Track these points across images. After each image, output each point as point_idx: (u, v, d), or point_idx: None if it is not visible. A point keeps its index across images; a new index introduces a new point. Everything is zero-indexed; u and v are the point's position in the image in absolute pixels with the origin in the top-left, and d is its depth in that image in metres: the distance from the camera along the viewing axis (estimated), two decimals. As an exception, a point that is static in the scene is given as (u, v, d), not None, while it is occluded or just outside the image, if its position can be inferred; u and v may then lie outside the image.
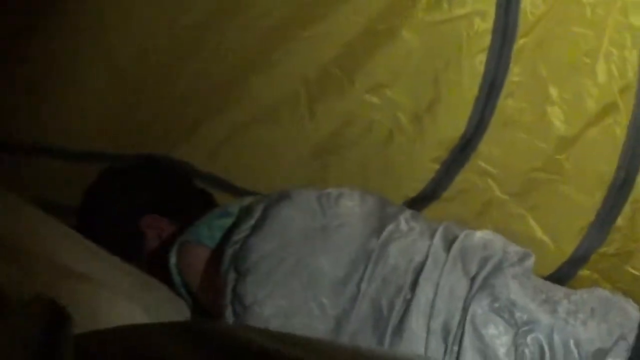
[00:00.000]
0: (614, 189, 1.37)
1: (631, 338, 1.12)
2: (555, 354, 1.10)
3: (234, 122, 1.44)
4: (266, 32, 1.33)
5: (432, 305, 1.12)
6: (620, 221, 1.39)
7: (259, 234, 1.20)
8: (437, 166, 1.42)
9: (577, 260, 1.40)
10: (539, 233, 1.40)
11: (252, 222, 1.23)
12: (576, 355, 1.10)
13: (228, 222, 1.30)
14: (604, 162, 1.37)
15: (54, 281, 1.06)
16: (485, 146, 1.40)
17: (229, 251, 1.21)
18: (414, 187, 1.44)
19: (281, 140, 1.44)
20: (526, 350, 1.09)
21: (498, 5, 1.29)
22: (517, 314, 1.12)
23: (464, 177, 1.42)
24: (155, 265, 1.36)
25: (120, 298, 1.13)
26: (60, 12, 1.29)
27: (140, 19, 1.31)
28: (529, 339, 1.10)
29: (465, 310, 1.12)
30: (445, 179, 1.43)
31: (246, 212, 1.27)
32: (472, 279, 1.16)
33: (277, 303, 1.14)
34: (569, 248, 1.40)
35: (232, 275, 1.19)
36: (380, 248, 1.18)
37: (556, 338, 1.10)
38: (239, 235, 1.22)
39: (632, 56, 1.30)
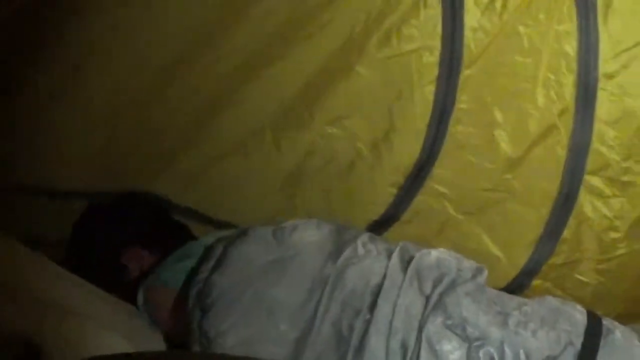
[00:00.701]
0: (559, 204, 1.45)
1: (578, 343, 1.19)
2: None
3: (206, 157, 1.46)
4: (232, 71, 1.38)
5: (390, 325, 1.18)
6: (566, 233, 1.47)
7: (219, 272, 1.25)
8: (395, 190, 1.47)
9: (529, 272, 1.47)
10: (493, 249, 1.47)
11: (212, 262, 1.29)
12: None
13: (189, 263, 1.35)
14: (549, 180, 1.45)
15: (42, 318, 1.09)
16: (439, 170, 1.45)
17: (193, 291, 1.26)
18: (376, 211, 1.49)
19: (251, 172, 1.47)
20: None
21: (443, 40, 1.37)
22: (469, 330, 1.18)
23: (421, 200, 1.48)
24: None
25: (104, 328, 1.16)
26: (36, 59, 1.34)
27: (115, 60, 1.35)
28: (481, 353, 1.16)
29: (421, 328, 1.18)
30: (404, 202, 1.48)
31: (207, 252, 1.33)
32: (427, 298, 1.22)
33: (239, 333, 1.19)
34: (521, 261, 1.47)
35: (197, 313, 1.24)
36: (337, 273, 1.24)
37: (507, 350, 1.16)
38: (201, 275, 1.27)
39: (568, 81, 1.39)
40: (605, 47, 1.38)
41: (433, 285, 1.23)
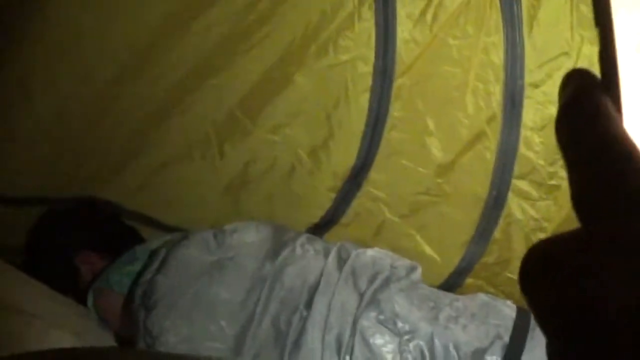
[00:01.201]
0: (489, 207, 1.50)
1: (507, 336, 1.26)
2: (436, 357, 1.23)
3: (154, 164, 1.50)
4: (178, 82, 1.41)
5: (326, 321, 1.25)
6: (496, 234, 1.52)
7: (163, 273, 1.31)
8: (334, 195, 1.53)
9: (462, 271, 1.52)
10: (427, 249, 1.52)
11: (156, 264, 1.35)
12: (456, 356, 1.24)
13: (136, 267, 1.40)
14: (479, 183, 1.50)
15: None
16: (375, 174, 1.51)
17: (138, 291, 1.32)
18: (315, 214, 1.54)
19: (196, 178, 1.51)
20: (409, 356, 1.23)
21: (377, 51, 1.41)
22: (400, 324, 1.25)
23: (358, 203, 1.53)
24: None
25: (53, 327, 1.20)
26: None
27: (61, 74, 1.36)
28: (411, 345, 1.24)
29: (355, 323, 1.24)
30: (342, 206, 1.53)
31: (152, 256, 1.39)
32: (362, 295, 1.28)
33: (180, 331, 1.25)
34: (454, 260, 1.52)
35: (142, 312, 1.29)
36: (275, 272, 1.30)
37: (437, 342, 1.24)
38: (146, 277, 1.33)
39: (496, 90, 1.44)
40: (530, 58, 1.42)
41: (368, 282, 1.30)
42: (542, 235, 1.50)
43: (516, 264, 1.34)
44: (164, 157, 1.51)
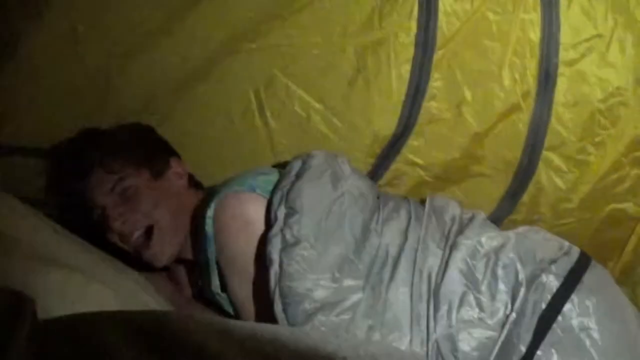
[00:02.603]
0: (520, 173, 1.55)
1: (575, 256, 1.33)
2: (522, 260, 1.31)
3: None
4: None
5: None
6: (525, 197, 1.57)
7: (304, 179, 1.33)
8: (372, 160, 1.55)
9: (492, 222, 1.52)
10: (461, 201, 1.53)
11: (293, 173, 1.36)
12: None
13: (268, 177, 1.40)
14: (511, 151, 1.54)
15: (29, 266, 1.12)
16: (413, 141, 1.54)
17: (278, 194, 1.32)
18: None
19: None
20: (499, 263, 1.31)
21: (419, 24, 1.44)
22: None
23: (395, 168, 1.56)
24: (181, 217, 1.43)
25: (93, 282, 1.18)
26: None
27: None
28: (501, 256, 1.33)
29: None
30: (380, 170, 1.56)
31: (285, 169, 1.40)
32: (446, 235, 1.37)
33: (317, 223, 1.30)
34: (485, 214, 1.52)
35: (282, 211, 1.30)
36: (380, 205, 1.41)
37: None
38: (286, 181, 1.34)
39: (531, 65, 1.47)
40: (565, 37, 1.46)
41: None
42: (567, 205, 1.57)
43: (541, 227, 1.47)
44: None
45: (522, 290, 1.25)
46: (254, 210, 1.35)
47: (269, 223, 1.31)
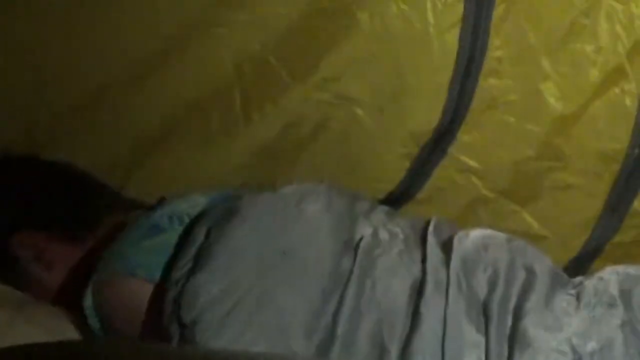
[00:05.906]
0: (626, 170, 1.32)
1: None
2: None
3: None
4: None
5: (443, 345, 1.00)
6: (636, 204, 1.35)
7: (204, 269, 1.05)
8: (407, 164, 1.30)
9: (589, 254, 1.36)
10: (539, 229, 1.34)
11: (193, 250, 1.08)
12: None
13: (161, 240, 1.14)
14: (612, 140, 1.31)
15: None
16: (465, 136, 1.29)
17: (170, 295, 1.06)
18: (382, 189, 1.32)
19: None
20: None
21: None
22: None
23: (441, 174, 1.33)
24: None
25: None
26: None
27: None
28: None
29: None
30: (420, 178, 1.32)
31: (186, 235, 1.12)
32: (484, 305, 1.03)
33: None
34: (577, 241, 1.34)
35: (174, 327, 1.04)
36: (359, 269, 1.04)
37: None
38: (180, 272, 1.07)
39: None
40: None
41: (488, 284, 1.06)
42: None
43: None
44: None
45: None
46: (132, 301, 1.15)
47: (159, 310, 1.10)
